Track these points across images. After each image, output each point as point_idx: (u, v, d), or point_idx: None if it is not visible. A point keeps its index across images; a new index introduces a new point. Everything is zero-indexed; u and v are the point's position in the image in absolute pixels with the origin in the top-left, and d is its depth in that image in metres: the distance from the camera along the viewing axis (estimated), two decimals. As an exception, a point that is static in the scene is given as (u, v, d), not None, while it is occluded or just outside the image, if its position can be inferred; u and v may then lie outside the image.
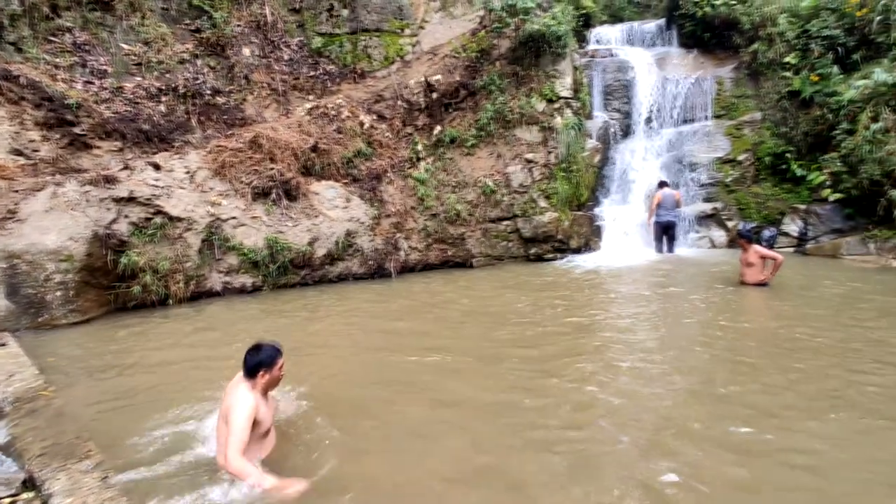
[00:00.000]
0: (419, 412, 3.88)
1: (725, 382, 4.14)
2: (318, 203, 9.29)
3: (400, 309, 7.14)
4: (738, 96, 11.92)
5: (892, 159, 8.76)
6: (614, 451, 3.19)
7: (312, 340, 5.80)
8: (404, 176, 10.40)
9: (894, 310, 6.01)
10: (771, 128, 11.25)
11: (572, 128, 10.52)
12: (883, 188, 8.93)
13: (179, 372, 4.83)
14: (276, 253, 8.37)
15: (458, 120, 10.98)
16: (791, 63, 10.87)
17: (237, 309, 7.34)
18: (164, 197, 7.89)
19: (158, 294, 7.38)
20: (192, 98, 9.70)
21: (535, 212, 10.26)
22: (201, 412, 3.88)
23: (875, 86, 9.18)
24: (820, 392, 3.96)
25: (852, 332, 5.29)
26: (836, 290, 7.11)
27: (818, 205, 10.18)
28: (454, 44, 11.71)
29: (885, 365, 4.36)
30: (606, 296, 7.44)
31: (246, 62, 10.80)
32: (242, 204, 8.65)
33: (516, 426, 3.56)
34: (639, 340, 5.31)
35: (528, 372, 4.51)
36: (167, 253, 7.61)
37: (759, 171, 11.21)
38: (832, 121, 10.01)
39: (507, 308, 6.80)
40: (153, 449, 3.40)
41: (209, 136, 9.55)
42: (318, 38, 11.86)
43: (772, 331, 5.47)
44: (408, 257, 9.68)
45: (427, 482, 3.00)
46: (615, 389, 4.08)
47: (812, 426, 3.44)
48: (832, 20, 10.49)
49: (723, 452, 3.13)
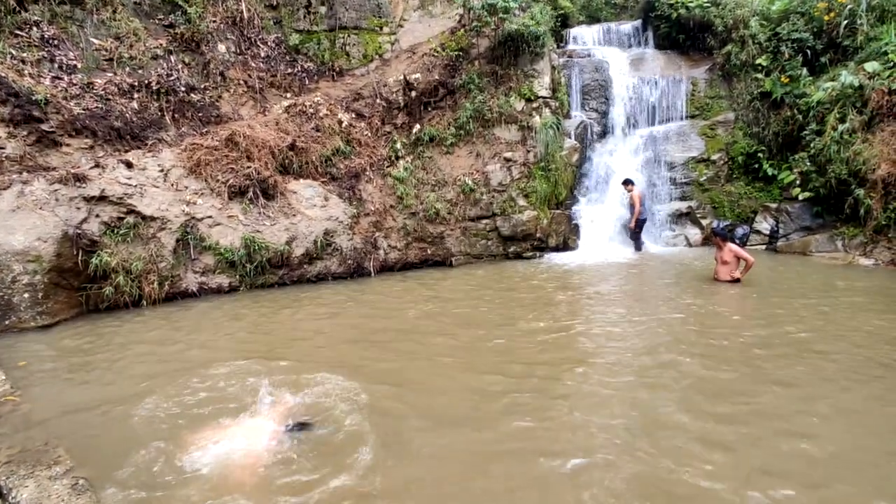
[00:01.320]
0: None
1: (698, 373, 4.24)
2: (296, 202, 9.20)
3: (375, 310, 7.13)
4: (712, 97, 12.15)
5: (858, 159, 9.03)
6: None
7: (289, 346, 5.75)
8: (383, 174, 10.36)
9: (854, 304, 6.21)
10: (743, 128, 11.50)
11: (550, 127, 10.60)
12: (849, 187, 9.19)
13: (151, 376, 4.74)
14: (254, 252, 8.27)
15: (437, 119, 10.98)
16: (762, 65, 11.12)
17: (212, 310, 7.22)
18: (136, 196, 7.73)
19: (132, 295, 7.23)
20: (165, 95, 9.50)
21: (513, 210, 10.32)
22: (174, 416, 3.82)
23: (842, 88, 9.44)
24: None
25: (816, 324, 5.45)
26: (803, 286, 7.31)
27: (788, 203, 10.44)
28: (433, 42, 11.71)
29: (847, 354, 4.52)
30: (585, 293, 7.52)
31: (221, 59, 10.62)
32: (218, 203, 8.52)
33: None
34: (615, 332, 5.40)
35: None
36: (140, 253, 7.46)
37: (733, 170, 11.45)
38: (802, 121, 10.27)
39: (486, 306, 6.83)
40: (126, 456, 3.34)
41: (184, 133, 9.38)
42: (295, 34, 11.73)
43: (739, 324, 5.60)
44: (387, 256, 9.65)
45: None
46: (588, 384, 4.15)
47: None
48: (801, 24, 10.75)
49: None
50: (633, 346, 5.07)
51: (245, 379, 4.48)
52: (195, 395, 4.21)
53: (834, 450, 3.13)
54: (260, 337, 5.86)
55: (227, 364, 4.88)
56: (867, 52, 9.75)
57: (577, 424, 3.52)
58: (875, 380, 4.09)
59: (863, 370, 4.27)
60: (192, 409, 3.94)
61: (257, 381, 4.32)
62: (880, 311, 5.92)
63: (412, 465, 3.12)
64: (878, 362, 4.42)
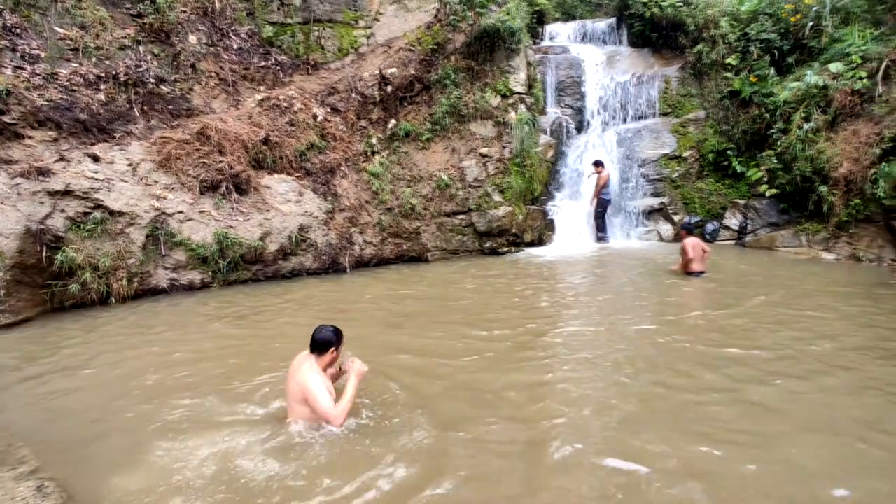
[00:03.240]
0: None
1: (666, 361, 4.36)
2: (269, 197, 9.08)
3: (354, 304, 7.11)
4: (684, 95, 12.37)
5: (822, 157, 9.32)
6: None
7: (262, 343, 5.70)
8: (358, 170, 10.29)
9: (804, 294, 6.44)
10: (714, 126, 11.75)
11: (526, 123, 10.67)
12: (813, 184, 9.49)
13: (119, 376, 4.65)
14: (226, 248, 8.15)
15: (412, 114, 10.94)
16: (732, 64, 11.37)
17: (184, 307, 7.10)
18: (103, 190, 7.53)
19: (99, 292, 7.06)
20: (133, 86, 9.25)
21: (489, 206, 10.37)
22: (140, 420, 3.76)
23: (807, 88, 9.72)
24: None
25: (781, 316, 5.64)
26: (767, 280, 7.52)
27: (756, 200, 10.73)
28: (409, 37, 11.64)
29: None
30: (560, 287, 7.62)
31: (192, 50, 10.39)
32: (190, 198, 8.36)
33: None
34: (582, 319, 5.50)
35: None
36: (108, 249, 7.28)
37: (703, 167, 11.70)
38: (769, 120, 10.55)
39: (465, 300, 6.87)
40: (92, 457, 3.28)
41: (153, 126, 9.15)
42: (268, 27, 11.53)
43: (700, 313, 5.76)
44: (362, 252, 9.61)
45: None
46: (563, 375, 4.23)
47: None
48: (769, 24, 11.02)
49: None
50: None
51: (218, 379, 4.43)
52: (167, 397, 4.15)
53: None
54: (234, 336, 5.79)
55: (195, 366, 4.82)
56: (831, 54, 10.05)
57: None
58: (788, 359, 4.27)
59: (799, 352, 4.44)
60: (169, 412, 3.88)
61: (224, 383, 4.27)
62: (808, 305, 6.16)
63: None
64: (811, 354, 4.60)
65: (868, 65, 9.37)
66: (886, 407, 3.63)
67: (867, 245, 8.72)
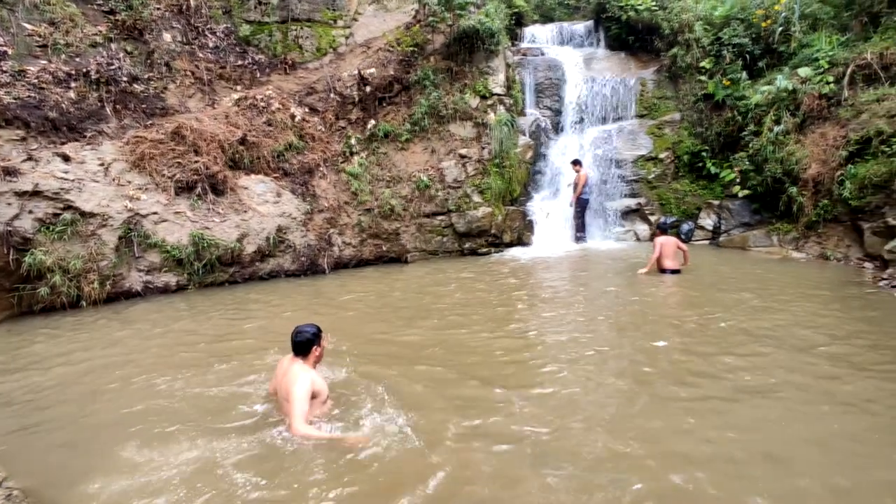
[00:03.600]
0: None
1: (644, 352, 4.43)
2: (247, 198, 8.98)
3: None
4: (660, 97, 12.58)
5: (792, 159, 9.56)
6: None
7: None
8: (337, 170, 10.24)
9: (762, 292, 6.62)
10: (688, 128, 11.97)
11: (505, 124, 10.73)
12: (784, 185, 9.73)
13: (88, 382, 4.55)
14: (203, 250, 8.03)
15: (391, 114, 10.92)
16: (706, 68, 11.60)
17: (158, 310, 6.97)
18: (74, 191, 7.36)
19: (70, 296, 6.89)
20: (106, 85, 9.05)
21: (469, 207, 10.41)
22: (112, 427, 3.68)
23: (777, 91, 9.96)
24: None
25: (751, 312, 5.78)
26: (738, 278, 7.70)
27: (730, 200, 10.95)
28: (388, 37, 11.62)
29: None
30: (537, 287, 7.68)
31: (167, 48, 10.21)
32: (164, 198, 8.22)
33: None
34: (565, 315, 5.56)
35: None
36: (79, 251, 7.11)
37: (679, 168, 11.91)
38: (741, 123, 10.78)
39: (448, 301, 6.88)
40: (61, 466, 3.20)
41: (126, 126, 8.97)
42: (245, 25, 11.40)
43: (673, 307, 5.88)
44: (342, 253, 9.56)
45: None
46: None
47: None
48: (741, 29, 11.27)
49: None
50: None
51: (193, 383, 4.36)
52: (140, 402, 4.07)
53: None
54: (207, 339, 5.71)
55: (169, 370, 4.74)
56: (800, 58, 10.32)
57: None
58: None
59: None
60: (142, 417, 3.81)
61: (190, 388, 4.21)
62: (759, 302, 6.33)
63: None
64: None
65: (835, 69, 9.65)
66: (846, 415, 3.74)
67: (835, 244, 8.98)
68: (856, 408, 3.61)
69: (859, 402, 3.69)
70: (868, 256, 8.28)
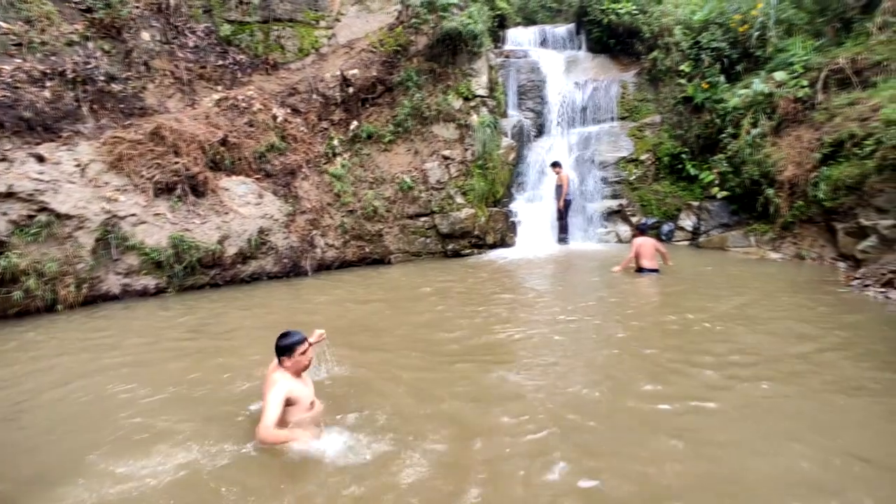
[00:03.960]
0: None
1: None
2: (228, 199, 8.89)
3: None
4: (640, 100, 12.75)
5: (768, 161, 9.76)
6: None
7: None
8: (320, 171, 10.19)
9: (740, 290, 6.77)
10: (669, 130, 12.14)
11: (488, 126, 10.78)
12: (761, 187, 9.92)
13: (63, 388, 4.46)
14: (183, 252, 7.94)
15: (374, 115, 10.91)
16: (685, 71, 11.78)
17: (136, 314, 6.87)
18: (49, 192, 7.22)
19: (45, 299, 6.76)
20: (82, 84, 8.88)
21: (452, 208, 10.43)
22: (87, 434, 3.63)
23: (754, 95, 10.16)
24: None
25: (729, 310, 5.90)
26: (717, 277, 7.85)
27: (709, 202, 11.14)
28: (371, 38, 11.59)
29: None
30: (520, 288, 7.73)
31: (145, 47, 10.06)
32: (143, 200, 8.11)
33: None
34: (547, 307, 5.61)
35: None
36: (55, 254, 6.98)
37: (659, 170, 12.07)
38: (720, 125, 10.97)
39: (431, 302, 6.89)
40: (34, 479, 3.13)
41: (103, 126, 8.82)
42: (226, 25, 11.27)
43: (652, 306, 5.98)
44: (324, 255, 9.52)
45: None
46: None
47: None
48: (719, 33, 11.46)
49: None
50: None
51: (172, 388, 4.32)
52: (117, 409, 4.02)
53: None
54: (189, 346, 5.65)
55: (147, 375, 4.68)
56: (776, 63, 10.54)
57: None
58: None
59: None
60: (119, 424, 3.76)
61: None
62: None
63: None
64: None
65: (809, 74, 9.87)
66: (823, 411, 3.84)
67: (809, 244, 9.18)
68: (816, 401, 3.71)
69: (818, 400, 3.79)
70: (841, 256, 8.49)
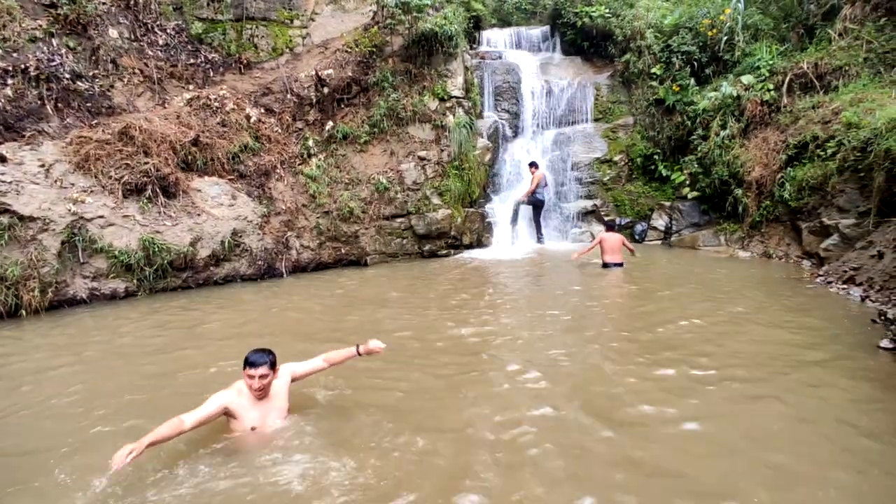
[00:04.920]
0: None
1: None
2: (200, 200, 8.73)
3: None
4: (614, 101, 12.95)
5: (737, 162, 10.02)
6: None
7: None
8: (295, 172, 10.08)
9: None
10: (641, 131, 12.36)
11: (464, 127, 10.81)
12: (730, 187, 10.18)
13: (23, 397, 4.33)
14: (153, 255, 7.76)
15: (350, 116, 10.83)
16: (657, 74, 12.01)
17: (103, 318, 6.69)
18: (11, 193, 6.98)
19: (7, 305, 6.52)
20: (46, 82, 8.61)
21: (428, 209, 10.43)
22: (44, 439, 3.52)
23: (723, 97, 10.42)
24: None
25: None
26: (685, 276, 8.02)
27: (680, 202, 11.38)
28: (346, 38, 11.51)
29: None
30: (495, 287, 7.77)
31: (113, 45, 9.80)
32: (111, 201, 7.90)
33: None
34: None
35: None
36: (17, 257, 6.75)
37: (632, 170, 12.29)
38: (690, 127, 11.23)
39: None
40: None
41: (69, 125, 8.57)
42: (198, 23, 11.07)
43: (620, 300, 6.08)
44: (300, 256, 9.42)
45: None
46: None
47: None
48: (689, 37, 11.72)
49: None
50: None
51: (141, 396, 4.21)
52: (84, 417, 3.91)
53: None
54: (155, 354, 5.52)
55: (111, 382, 4.56)
56: (743, 66, 10.83)
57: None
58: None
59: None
60: (87, 431, 3.65)
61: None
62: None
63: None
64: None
65: (775, 77, 10.16)
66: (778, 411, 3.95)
67: (776, 243, 9.45)
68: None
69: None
70: (806, 254, 8.75)
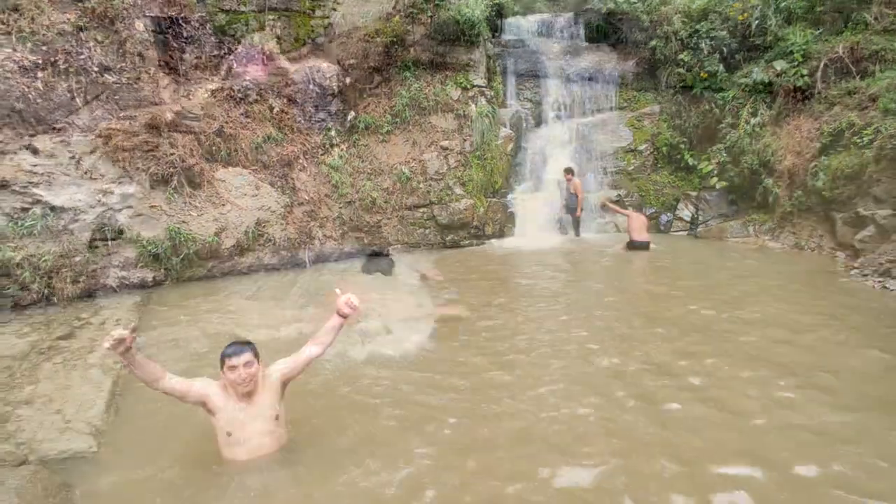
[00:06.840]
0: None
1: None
2: (224, 191, 8.82)
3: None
4: (639, 89, 12.67)
5: (768, 151, 9.74)
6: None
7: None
8: (317, 162, 10.10)
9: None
10: (667, 120, 12.09)
11: (486, 116, 10.71)
12: (760, 177, 9.91)
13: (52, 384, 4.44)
14: (179, 244, 7.88)
15: (372, 106, 10.81)
16: (684, 60, 11.69)
17: (133, 306, 6.82)
18: (44, 185, 7.14)
19: (41, 293, 6.69)
20: (76, 75, 8.74)
21: (450, 199, 10.37)
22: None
23: (753, 84, 10.11)
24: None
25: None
26: (715, 267, 7.85)
27: (707, 192, 11.12)
28: (368, 28, 11.44)
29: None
30: (519, 277, 7.71)
31: (139, 38, 9.90)
32: (139, 192, 8.02)
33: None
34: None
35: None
36: (50, 247, 6.91)
37: (658, 160, 12.04)
38: (719, 115, 10.93)
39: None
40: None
41: (98, 117, 8.69)
42: (221, 14, 11.10)
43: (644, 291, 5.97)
44: (322, 246, 9.47)
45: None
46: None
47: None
48: (718, 22, 11.37)
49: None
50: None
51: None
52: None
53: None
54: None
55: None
56: (775, 52, 10.47)
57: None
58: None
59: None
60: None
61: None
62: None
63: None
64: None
65: (809, 63, 9.81)
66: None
67: (808, 234, 9.18)
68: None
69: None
70: (840, 246, 8.49)
